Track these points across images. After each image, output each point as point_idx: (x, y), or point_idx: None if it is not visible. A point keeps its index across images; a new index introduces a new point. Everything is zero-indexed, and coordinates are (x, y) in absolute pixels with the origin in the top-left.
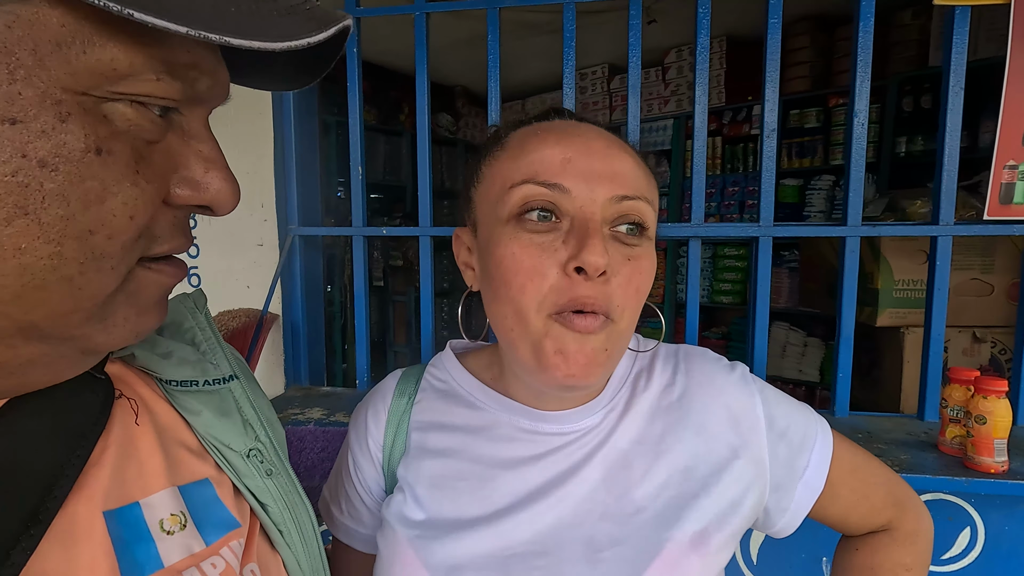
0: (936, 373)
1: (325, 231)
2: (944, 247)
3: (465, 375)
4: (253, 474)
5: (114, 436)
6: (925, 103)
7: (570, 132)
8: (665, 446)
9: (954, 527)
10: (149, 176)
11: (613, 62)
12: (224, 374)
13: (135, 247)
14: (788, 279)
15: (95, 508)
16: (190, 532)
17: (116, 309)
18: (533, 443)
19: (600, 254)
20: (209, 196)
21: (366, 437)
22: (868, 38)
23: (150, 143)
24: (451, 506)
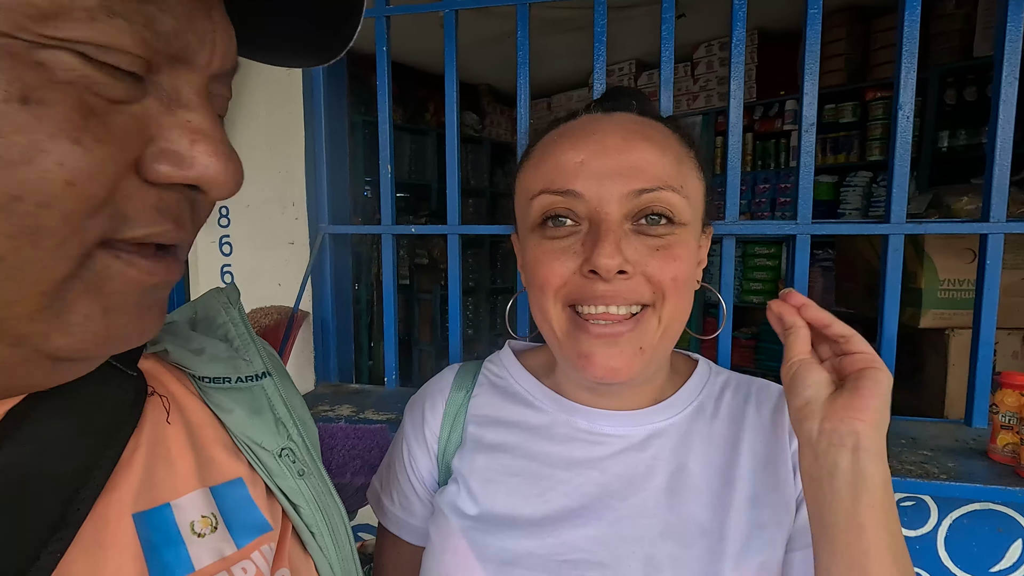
0: (985, 378)
1: (355, 229)
2: (995, 245)
3: (523, 373)
4: (285, 474)
5: (145, 435)
6: (969, 95)
7: (587, 131)
8: (733, 474)
9: (1005, 539)
10: (102, 137)
11: (641, 58)
12: (257, 371)
13: (89, 224)
14: (822, 278)
15: (124, 511)
16: (221, 535)
17: (73, 303)
18: (591, 444)
19: (610, 255)
20: (195, 173)
21: (423, 427)
22: (914, 28)
23: (114, 102)
24: (505, 501)
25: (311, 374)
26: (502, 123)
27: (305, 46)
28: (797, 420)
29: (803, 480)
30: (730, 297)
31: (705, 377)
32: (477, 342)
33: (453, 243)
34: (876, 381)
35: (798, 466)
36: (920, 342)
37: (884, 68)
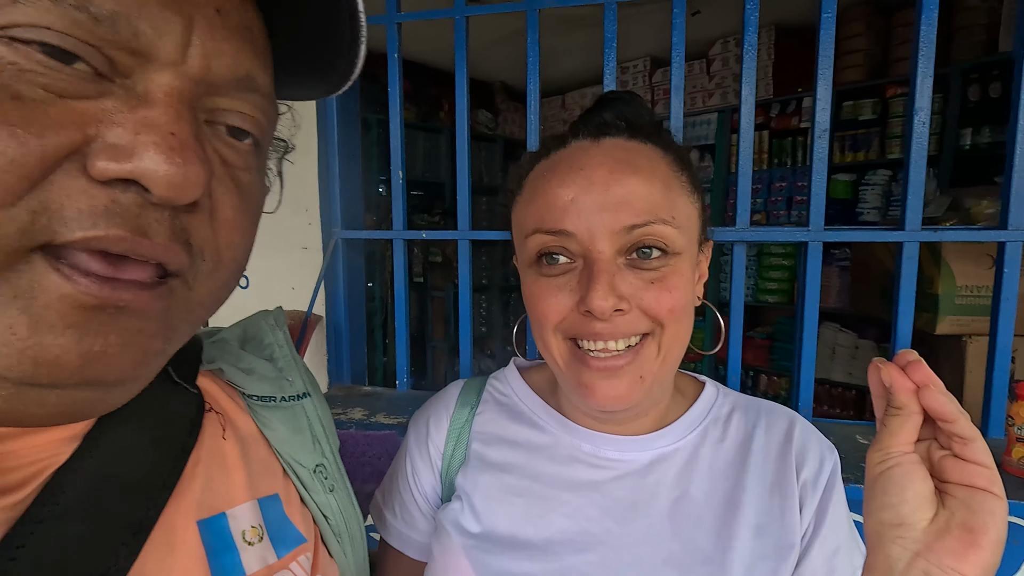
0: (1002, 388)
1: (368, 234)
2: (1014, 254)
3: (528, 392)
4: (318, 489)
5: (205, 448)
6: (993, 92)
7: (575, 165)
8: (738, 500)
9: (1020, 551)
10: (17, 122)
11: (655, 54)
12: (299, 391)
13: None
14: (838, 278)
15: (190, 517)
16: (266, 544)
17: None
18: (594, 468)
19: (603, 297)
20: (131, 165)
21: (427, 443)
22: (931, 31)
23: (58, 96)
24: (507, 521)
25: (324, 377)
26: (516, 120)
27: (311, 74)
28: (879, 534)
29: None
30: (740, 304)
31: (712, 400)
32: (490, 339)
33: (464, 249)
34: (994, 517)
35: (805, 502)
36: (936, 349)
37: (905, 64)
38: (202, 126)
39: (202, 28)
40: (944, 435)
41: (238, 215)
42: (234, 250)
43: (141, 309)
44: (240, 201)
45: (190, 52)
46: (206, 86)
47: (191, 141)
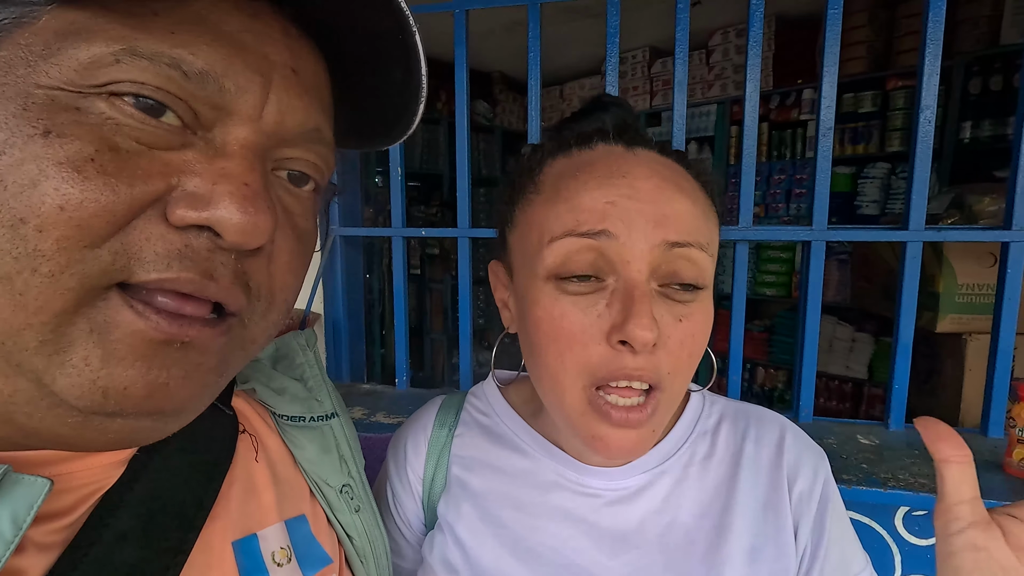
0: (1003, 388)
1: (366, 232)
2: (1017, 254)
3: (509, 412)
4: (344, 509)
5: (238, 471)
6: (995, 85)
7: (614, 171)
8: (729, 522)
9: None
10: (110, 171)
11: (655, 44)
12: (327, 411)
13: (89, 256)
14: (838, 271)
15: (226, 538)
16: (293, 566)
17: (75, 342)
18: (580, 496)
19: (648, 327)
20: (208, 212)
21: (406, 469)
22: (939, 28)
23: (147, 147)
24: (492, 554)
25: None
26: (514, 111)
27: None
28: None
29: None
30: (742, 301)
31: (698, 412)
32: (489, 331)
33: (463, 246)
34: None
35: (801, 519)
36: (937, 346)
37: (907, 56)
38: (269, 174)
39: (279, 87)
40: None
41: (294, 259)
42: (287, 292)
43: (203, 345)
44: (297, 246)
45: (267, 108)
46: (277, 139)
47: (262, 191)
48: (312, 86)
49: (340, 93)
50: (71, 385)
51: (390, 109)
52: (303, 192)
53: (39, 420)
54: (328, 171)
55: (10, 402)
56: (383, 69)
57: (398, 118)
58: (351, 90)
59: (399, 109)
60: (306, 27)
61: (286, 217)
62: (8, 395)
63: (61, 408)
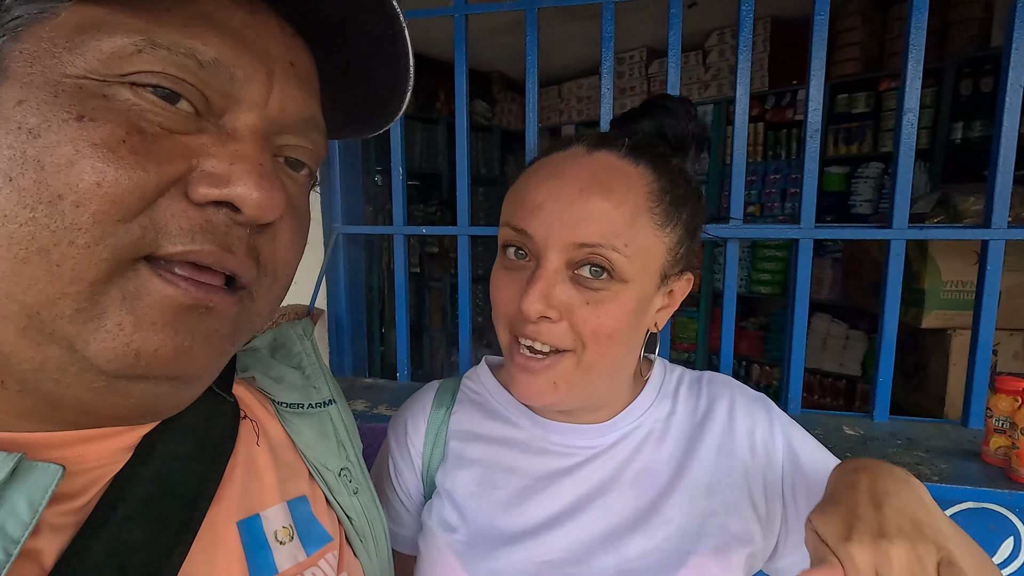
0: (982, 381)
1: (368, 230)
2: (996, 251)
3: (500, 389)
4: (342, 491)
5: (241, 454)
6: (985, 86)
7: (555, 173)
8: (689, 465)
9: (997, 536)
10: (140, 151)
11: (651, 45)
12: (324, 398)
13: (122, 230)
14: (831, 270)
15: (230, 519)
16: (296, 543)
17: (108, 309)
18: (565, 456)
19: (532, 301)
20: (228, 189)
21: (407, 444)
22: (921, 35)
23: (168, 131)
24: (489, 514)
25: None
26: (512, 111)
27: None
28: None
29: None
30: (733, 299)
31: (660, 379)
32: (487, 329)
33: (463, 244)
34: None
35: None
36: (922, 341)
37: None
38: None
39: (280, 78)
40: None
41: (295, 237)
42: (288, 268)
43: (222, 312)
44: (297, 225)
45: (271, 97)
46: (279, 126)
47: (274, 171)
48: (306, 78)
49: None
50: (104, 349)
51: (378, 96)
52: (299, 176)
53: (66, 386)
54: (320, 157)
55: (39, 370)
56: (372, 63)
57: (385, 105)
58: (341, 78)
59: (386, 97)
60: (297, 23)
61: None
62: (39, 363)
63: (89, 373)
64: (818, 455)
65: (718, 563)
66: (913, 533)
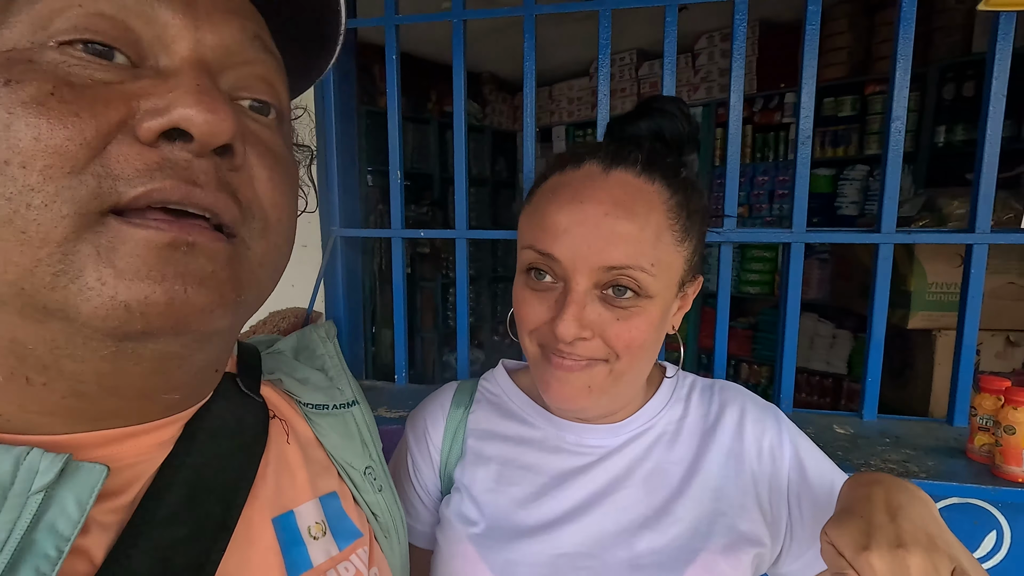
0: (967, 380)
1: (366, 233)
2: (980, 255)
3: (517, 391)
4: (368, 489)
5: (272, 452)
6: (967, 91)
7: (577, 197)
8: (699, 467)
9: (980, 530)
10: (70, 100)
11: (642, 47)
12: (348, 399)
13: (75, 183)
14: (818, 270)
15: (266, 515)
16: (328, 538)
17: (85, 266)
18: (579, 455)
19: (568, 327)
20: (173, 115)
21: (426, 441)
22: (908, 44)
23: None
24: (506, 509)
25: None
26: (504, 111)
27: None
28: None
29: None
30: (726, 300)
31: (673, 384)
32: (478, 329)
33: (461, 247)
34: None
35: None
36: (909, 342)
37: (886, 62)
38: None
39: (207, 4)
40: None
41: (275, 175)
42: (279, 210)
43: (209, 249)
44: (275, 163)
45: (201, 26)
46: (221, 56)
47: (215, 89)
48: (240, 5)
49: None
50: (95, 308)
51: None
52: (267, 119)
53: (81, 359)
54: (284, 94)
55: (54, 348)
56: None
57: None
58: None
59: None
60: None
61: (256, 138)
62: (49, 341)
63: (94, 340)
64: (823, 465)
65: (728, 561)
66: (928, 544)
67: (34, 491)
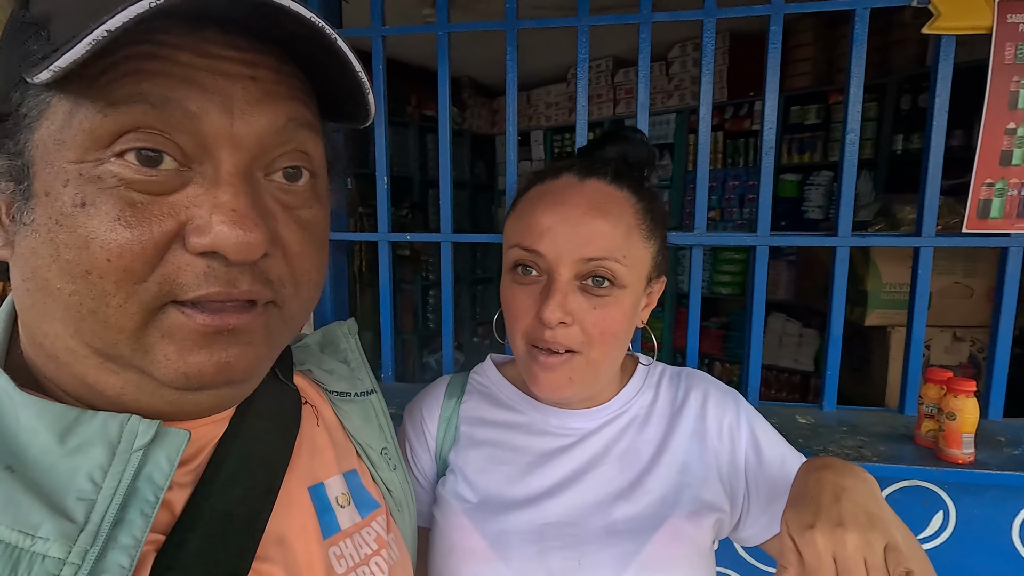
0: (916, 373)
1: (353, 236)
2: (926, 257)
3: (504, 382)
4: (384, 467)
5: (305, 433)
6: (922, 102)
7: (558, 200)
8: (667, 445)
9: (928, 510)
10: (133, 224)
11: (618, 55)
12: (367, 388)
13: (140, 289)
14: (786, 271)
15: (303, 485)
16: (352, 508)
17: (154, 345)
18: (562, 437)
19: (552, 311)
20: (209, 239)
21: (422, 428)
22: (860, 64)
23: (155, 195)
24: (496, 486)
25: None
26: (483, 115)
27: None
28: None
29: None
30: (698, 301)
31: (644, 373)
32: (458, 331)
33: (446, 250)
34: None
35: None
36: (867, 338)
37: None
38: (260, 184)
39: (241, 97)
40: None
41: (305, 248)
42: (308, 275)
43: (247, 328)
44: (304, 236)
45: (236, 121)
46: (260, 148)
47: (250, 211)
48: (275, 84)
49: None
50: (163, 374)
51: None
52: (298, 187)
53: (146, 403)
54: (318, 154)
55: (123, 392)
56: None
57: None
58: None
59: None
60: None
61: (288, 214)
62: (120, 387)
63: (163, 390)
64: (776, 443)
65: (692, 524)
66: (866, 523)
67: (136, 449)
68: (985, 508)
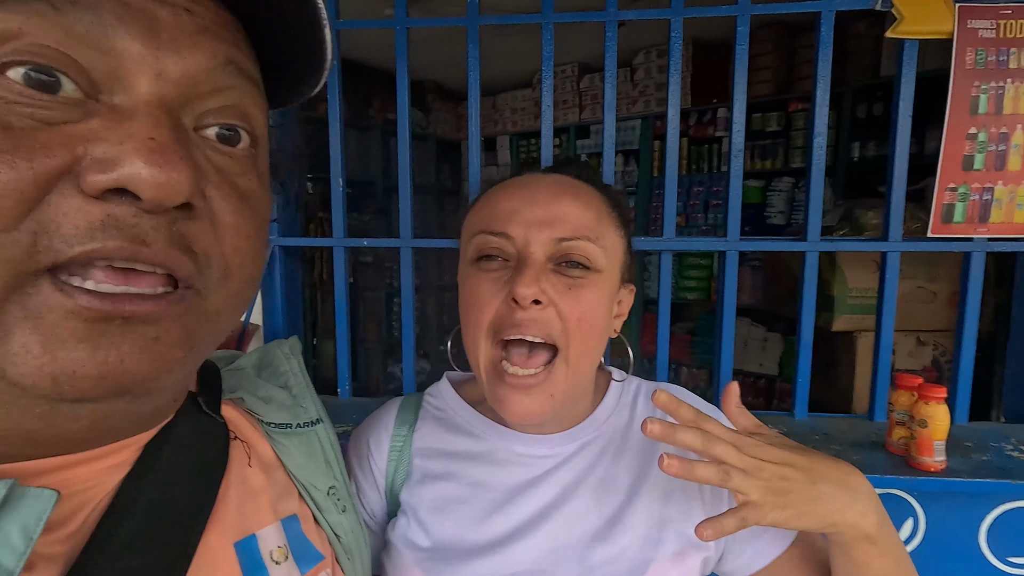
0: (885, 379)
1: (306, 242)
2: (893, 262)
3: (462, 405)
4: (331, 510)
5: (233, 475)
6: (877, 111)
7: (522, 185)
8: (647, 474)
9: (898, 518)
10: (8, 148)
11: (583, 60)
12: (312, 418)
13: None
14: (751, 277)
15: (227, 540)
16: (291, 563)
17: (12, 329)
18: (529, 467)
19: (527, 284)
20: (118, 173)
21: (369, 463)
22: (827, 66)
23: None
24: (454, 530)
25: None
26: (448, 120)
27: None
28: None
29: None
30: (667, 306)
31: (619, 391)
32: (424, 339)
33: (406, 256)
34: None
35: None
36: (833, 343)
37: (807, 82)
38: (189, 134)
39: (173, 27)
40: None
41: (241, 220)
42: (241, 256)
43: (153, 317)
44: (241, 206)
45: (164, 52)
46: (188, 87)
47: (172, 143)
48: (213, 23)
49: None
50: (22, 374)
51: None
52: (237, 151)
53: (15, 419)
54: (260, 120)
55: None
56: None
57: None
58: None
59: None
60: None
61: (222, 177)
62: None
63: (27, 399)
64: None
65: (677, 569)
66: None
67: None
68: (954, 514)
